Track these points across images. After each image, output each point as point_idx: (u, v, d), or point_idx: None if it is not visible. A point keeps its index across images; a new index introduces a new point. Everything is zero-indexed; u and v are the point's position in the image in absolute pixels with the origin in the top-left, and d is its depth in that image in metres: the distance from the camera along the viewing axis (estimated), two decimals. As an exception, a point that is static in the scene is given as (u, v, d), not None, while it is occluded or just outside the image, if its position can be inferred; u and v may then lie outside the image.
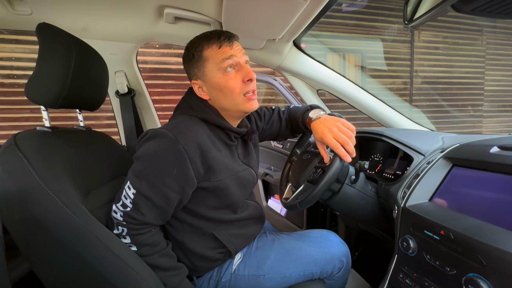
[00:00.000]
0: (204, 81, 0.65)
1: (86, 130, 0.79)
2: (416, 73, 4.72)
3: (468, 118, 5.09)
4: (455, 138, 0.82)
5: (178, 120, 0.63)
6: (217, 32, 0.64)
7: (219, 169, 0.63)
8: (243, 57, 0.65)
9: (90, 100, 0.75)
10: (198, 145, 0.59)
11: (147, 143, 0.59)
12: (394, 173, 0.82)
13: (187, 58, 0.67)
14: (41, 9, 0.84)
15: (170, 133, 0.57)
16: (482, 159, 0.55)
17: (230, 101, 0.65)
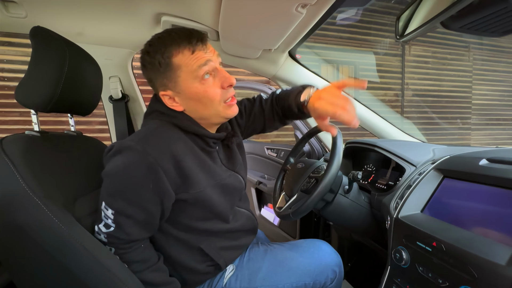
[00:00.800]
0: (177, 91, 0.57)
1: (77, 135, 0.78)
2: (407, 85, 4.85)
3: (457, 131, 5.22)
4: (446, 150, 0.84)
5: (148, 127, 0.58)
6: (184, 33, 0.55)
7: (197, 180, 0.58)
8: (218, 60, 0.59)
9: (83, 105, 0.74)
10: (172, 154, 0.54)
11: (114, 159, 0.53)
12: (387, 184, 0.83)
13: (151, 66, 0.57)
14: (36, 13, 0.84)
15: (136, 145, 0.51)
16: (472, 171, 0.56)
17: (210, 111, 0.59)
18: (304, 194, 0.78)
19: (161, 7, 0.82)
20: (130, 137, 0.55)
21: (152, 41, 0.57)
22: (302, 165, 0.85)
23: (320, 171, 0.78)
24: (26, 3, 0.79)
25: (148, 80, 0.60)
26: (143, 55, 0.58)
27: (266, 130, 0.83)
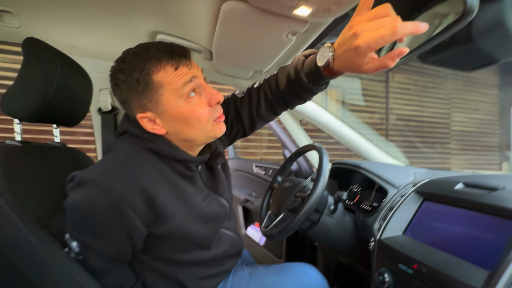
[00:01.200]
0: (158, 113, 0.51)
1: (60, 146, 0.76)
2: (391, 110, 5.08)
3: (438, 155, 5.45)
4: (426, 173, 0.87)
5: (117, 155, 0.52)
6: (165, 47, 0.50)
7: (173, 214, 0.52)
8: (202, 75, 0.55)
9: (70, 116, 0.73)
10: (142, 189, 0.48)
11: (76, 191, 0.48)
12: (371, 205, 0.84)
13: (126, 85, 0.50)
14: (31, 24, 0.84)
15: (100, 180, 0.46)
16: (448, 194, 0.58)
17: (197, 131, 0.54)
18: (290, 213, 0.78)
19: (158, 26, 0.85)
20: (96, 166, 0.50)
21: (126, 57, 0.50)
22: (289, 184, 0.86)
23: (307, 190, 0.79)
24: (22, 14, 0.80)
25: (121, 102, 0.53)
26: (115, 73, 0.50)
27: (247, 134, 0.74)
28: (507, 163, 5.67)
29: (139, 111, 0.51)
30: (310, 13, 0.58)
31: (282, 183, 0.90)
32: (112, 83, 0.52)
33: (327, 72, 0.50)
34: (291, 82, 0.57)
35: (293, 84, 0.57)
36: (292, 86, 0.58)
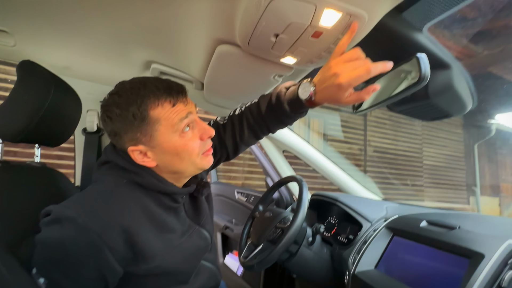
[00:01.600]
0: (151, 146, 0.52)
1: (40, 166, 0.74)
2: (369, 142, 5.37)
3: (411, 187, 5.72)
4: (397, 208, 0.94)
5: (100, 189, 0.51)
6: (163, 84, 0.52)
7: (153, 253, 0.51)
8: (195, 111, 0.57)
9: (54, 137, 0.73)
10: (123, 229, 0.47)
11: (51, 228, 0.46)
12: (347, 237, 0.88)
13: (121, 119, 0.50)
14: (26, 43, 0.86)
15: (79, 218, 0.45)
16: (414, 231, 0.64)
17: (187, 164, 0.55)
18: (270, 244, 0.79)
19: (153, 56, 0.90)
20: (76, 202, 0.48)
21: (123, 91, 0.51)
22: (270, 214, 0.88)
23: (287, 221, 0.81)
24: (18, 33, 0.81)
25: (112, 134, 0.53)
26: (110, 106, 0.51)
27: (230, 158, 0.76)
28: (474, 197, 6.04)
29: (131, 144, 0.52)
30: (295, 62, 0.65)
31: (263, 212, 0.92)
32: (104, 115, 0.52)
33: (308, 103, 0.56)
34: (274, 111, 0.62)
35: (276, 112, 0.62)
36: (275, 114, 0.62)
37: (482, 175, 6.07)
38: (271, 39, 0.55)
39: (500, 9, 2.47)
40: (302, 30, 0.51)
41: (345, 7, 0.45)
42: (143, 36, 0.76)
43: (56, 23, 0.70)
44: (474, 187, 5.95)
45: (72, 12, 0.65)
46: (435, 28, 0.56)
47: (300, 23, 0.49)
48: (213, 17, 0.59)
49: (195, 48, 0.76)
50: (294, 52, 0.59)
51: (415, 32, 0.54)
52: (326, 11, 0.46)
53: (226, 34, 0.63)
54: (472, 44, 3.14)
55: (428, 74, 0.47)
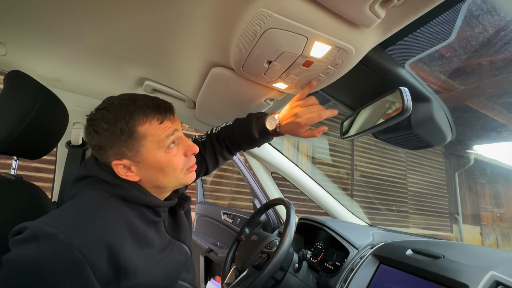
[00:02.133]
0: (136, 161, 0.53)
1: (15, 179, 0.70)
2: (356, 166, 5.47)
3: (396, 213, 5.78)
4: (383, 235, 0.94)
5: (82, 205, 0.49)
6: (152, 102, 0.54)
7: (135, 270, 0.49)
8: (181, 128, 0.59)
9: (36, 150, 0.71)
10: (107, 245, 0.46)
11: (25, 246, 0.41)
12: (334, 264, 0.86)
13: (108, 133, 0.50)
14: (17, 53, 0.85)
15: (61, 234, 0.42)
16: (400, 260, 0.64)
17: (170, 179, 0.56)
18: (255, 270, 0.76)
19: (147, 73, 0.91)
20: (56, 217, 0.45)
21: (111, 106, 0.51)
22: (256, 237, 0.86)
23: (273, 246, 0.79)
24: (10, 43, 0.81)
25: (96, 148, 0.53)
26: (97, 121, 0.51)
27: (209, 172, 0.80)
28: (456, 225, 6.15)
29: (115, 158, 0.52)
30: (286, 88, 0.68)
31: (249, 236, 0.90)
32: (91, 129, 0.52)
33: (273, 133, 0.70)
34: (246, 135, 0.73)
35: (247, 136, 0.73)
36: (246, 138, 0.73)
37: (463, 203, 6.25)
38: (264, 65, 0.57)
39: (474, 50, 2.72)
40: (293, 59, 0.54)
41: (334, 41, 0.48)
42: (139, 53, 0.77)
43: (49, 34, 0.71)
44: (456, 215, 6.08)
45: (66, 24, 0.65)
46: (416, 63, 0.61)
47: (292, 53, 0.52)
48: (209, 41, 0.61)
49: (189, 68, 0.78)
50: (286, 78, 0.62)
51: (397, 67, 0.59)
52: (316, 43, 0.49)
53: (221, 57, 0.65)
54: (450, 79, 3.39)
55: (410, 106, 0.50)
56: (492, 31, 2.28)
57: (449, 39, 0.48)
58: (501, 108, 3.82)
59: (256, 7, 0.44)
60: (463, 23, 0.43)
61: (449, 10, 0.42)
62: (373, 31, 0.48)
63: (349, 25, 0.46)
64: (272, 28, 0.46)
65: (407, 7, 0.42)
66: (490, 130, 4.21)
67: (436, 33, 0.47)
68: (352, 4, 0.40)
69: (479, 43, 2.56)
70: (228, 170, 3.84)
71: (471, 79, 3.41)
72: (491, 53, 2.81)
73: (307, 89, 0.64)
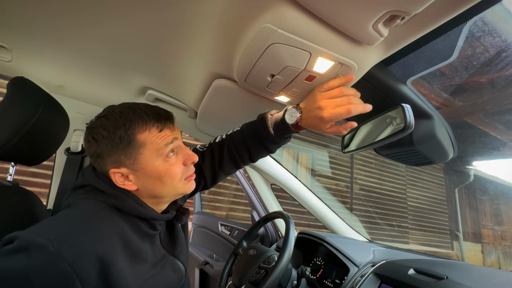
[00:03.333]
0: (134, 169, 0.52)
1: (12, 186, 0.69)
2: (355, 180, 5.44)
3: (397, 228, 5.70)
4: (384, 252, 0.91)
5: (76, 214, 0.47)
6: (152, 110, 0.54)
7: (125, 285, 0.47)
8: (181, 137, 0.58)
9: (35, 156, 0.70)
10: (98, 258, 0.44)
11: (13, 258, 0.40)
12: (333, 281, 0.84)
13: (106, 141, 0.50)
14: (23, 59, 0.86)
15: (51, 245, 0.41)
16: (402, 280, 0.62)
17: (169, 188, 0.55)
18: (252, 286, 0.74)
19: (151, 82, 0.91)
20: (47, 227, 0.44)
21: (111, 114, 0.51)
22: (254, 252, 0.84)
23: (271, 262, 0.77)
24: (16, 49, 0.82)
25: (94, 155, 0.52)
26: (97, 129, 0.51)
27: (208, 187, 0.76)
28: (457, 243, 6.05)
29: (113, 166, 0.52)
30: (288, 101, 0.68)
31: (247, 249, 0.87)
32: (90, 137, 0.52)
33: (293, 127, 0.60)
34: (258, 135, 0.65)
35: (260, 137, 0.64)
36: (258, 139, 0.65)
37: (463, 220, 6.17)
38: (267, 78, 0.58)
39: (475, 69, 2.77)
40: (296, 73, 0.54)
41: (337, 57, 0.49)
42: (143, 62, 0.78)
43: (54, 41, 0.71)
44: (457, 232, 5.99)
45: (71, 32, 0.66)
46: (416, 79, 0.62)
47: (295, 67, 0.52)
48: (214, 53, 0.62)
49: (193, 79, 0.78)
50: (288, 92, 0.62)
51: (399, 83, 0.59)
52: (319, 59, 0.49)
53: (224, 69, 0.66)
54: (449, 96, 3.44)
55: (412, 123, 0.50)
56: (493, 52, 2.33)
57: (450, 59, 0.49)
58: (499, 125, 3.86)
59: (261, 22, 0.45)
60: (464, 43, 0.44)
61: (451, 30, 0.43)
62: (376, 49, 0.48)
63: (352, 42, 0.46)
64: (276, 43, 0.47)
65: (410, 27, 0.42)
66: (491, 147, 4.23)
67: (438, 52, 0.48)
68: (356, 23, 0.41)
69: (480, 63, 2.62)
70: (226, 180, 3.81)
71: (470, 96, 3.46)
72: (492, 72, 2.87)
73: (339, 81, 0.53)
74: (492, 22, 1.62)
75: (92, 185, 0.53)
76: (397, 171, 6.05)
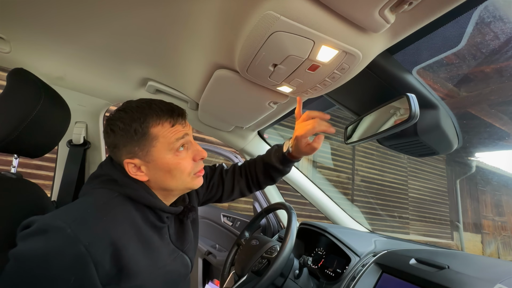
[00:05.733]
0: (146, 161, 0.55)
1: (15, 178, 0.70)
2: (357, 171, 5.44)
3: (398, 219, 5.74)
4: (385, 243, 0.92)
5: (91, 201, 0.50)
6: (166, 106, 0.57)
7: (137, 271, 0.50)
8: (192, 133, 0.61)
9: (37, 148, 0.70)
10: (112, 241, 0.47)
11: (33, 239, 0.43)
12: (335, 271, 0.85)
13: (122, 133, 0.54)
14: (21, 51, 0.85)
15: (68, 228, 0.43)
16: (403, 269, 0.62)
17: (178, 182, 0.58)
18: (254, 275, 0.75)
19: (151, 74, 0.90)
20: (65, 212, 0.47)
21: (129, 108, 0.55)
22: (256, 242, 0.84)
23: (273, 252, 0.78)
24: (14, 41, 0.80)
25: (111, 146, 0.56)
26: (115, 121, 0.55)
27: (223, 200, 0.83)
28: (457, 233, 6.10)
29: (127, 157, 0.55)
30: (290, 91, 0.67)
31: (249, 240, 0.88)
32: (108, 128, 0.56)
33: (290, 156, 0.73)
34: (266, 165, 0.78)
35: (267, 166, 0.78)
36: (266, 168, 0.78)
37: (464, 211, 6.20)
38: (269, 68, 0.56)
39: (480, 56, 2.70)
40: (299, 63, 0.53)
41: (342, 46, 0.47)
42: (143, 52, 0.77)
43: (53, 32, 0.70)
44: (457, 223, 6.03)
45: (70, 22, 0.65)
46: (423, 69, 0.60)
47: (298, 56, 0.51)
48: (214, 42, 0.61)
49: (193, 70, 0.77)
50: (291, 82, 0.61)
51: (405, 73, 0.58)
52: (323, 47, 0.48)
53: (225, 59, 0.64)
54: (454, 86, 3.38)
55: (417, 113, 0.49)
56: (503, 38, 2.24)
57: (458, 46, 0.47)
58: (504, 116, 3.81)
59: (263, 9, 0.44)
60: (473, 30, 0.42)
61: (460, 16, 0.41)
62: (382, 36, 0.47)
63: (357, 29, 0.45)
64: (279, 31, 0.45)
65: (417, 13, 0.41)
66: (495, 138, 4.19)
67: (446, 40, 0.46)
68: (361, 9, 0.40)
69: (489, 51, 2.54)
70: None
71: (474, 86, 3.40)
72: (500, 60, 2.79)
73: (298, 107, 0.68)
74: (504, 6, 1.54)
75: (108, 175, 0.56)
76: (399, 163, 6.04)
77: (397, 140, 0.64)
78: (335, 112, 5.41)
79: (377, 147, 5.85)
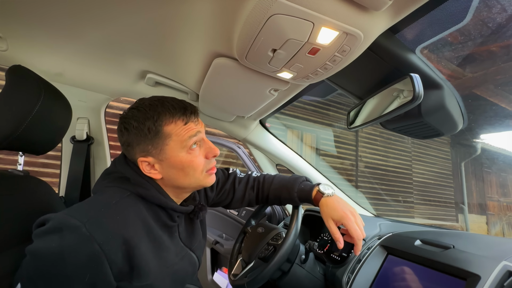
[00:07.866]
0: (160, 159, 0.55)
1: (23, 175, 0.71)
2: (360, 158, 5.44)
3: (402, 203, 5.77)
4: (390, 226, 0.93)
5: (104, 201, 0.51)
6: (179, 104, 0.57)
7: (148, 269, 0.51)
8: (204, 131, 0.61)
9: (41, 145, 0.70)
10: (124, 241, 0.48)
11: (49, 237, 0.44)
12: (340, 255, 0.86)
13: (136, 131, 0.54)
14: (18, 48, 0.84)
15: (83, 227, 0.44)
16: (408, 251, 0.63)
17: (191, 180, 0.58)
18: (261, 261, 0.77)
19: (150, 66, 0.89)
20: (79, 210, 0.47)
21: (142, 106, 0.55)
22: (262, 229, 0.86)
23: (279, 238, 0.79)
24: (11, 38, 0.80)
25: (125, 144, 0.56)
26: (128, 119, 0.55)
27: (231, 207, 0.84)
28: (462, 215, 6.12)
29: (141, 155, 0.55)
30: (291, 77, 0.66)
31: (255, 227, 0.89)
32: (122, 126, 0.56)
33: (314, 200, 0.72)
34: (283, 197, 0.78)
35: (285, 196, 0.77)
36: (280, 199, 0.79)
37: (469, 193, 6.19)
38: (269, 54, 0.55)
39: (485, 35, 2.61)
40: (299, 47, 0.52)
41: (342, 26, 0.46)
42: (140, 45, 0.76)
43: (50, 28, 0.69)
44: (462, 205, 6.04)
45: (67, 18, 0.64)
46: (426, 49, 0.59)
47: (297, 40, 0.50)
48: (212, 30, 0.59)
49: (191, 60, 0.76)
50: (291, 67, 0.60)
51: (408, 52, 0.56)
52: (323, 29, 0.47)
53: (223, 47, 0.63)
54: (458, 67, 3.30)
55: (421, 93, 0.48)
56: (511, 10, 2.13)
57: (463, 22, 0.46)
58: (510, 95, 3.73)
59: (260, -9, 0.42)
60: (479, 3, 0.40)
61: (466, -11, 0.39)
62: (383, 15, 0.45)
63: (357, 8, 0.44)
64: (277, 14, 0.44)
65: (420, -13, 0.39)
66: (501, 116, 4.12)
67: (450, 15, 0.45)
68: (361, -15, 0.38)
69: (496, 25, 2.43)
70: (232, 163, 3.85)
71: (479, 66, 3.32)
72: (506, 38, 2.70)
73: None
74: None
75: (120, 172, 0.57)
76: (402, 147, 6.01)
77: (401, 122, 0.63)
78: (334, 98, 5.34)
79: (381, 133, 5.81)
